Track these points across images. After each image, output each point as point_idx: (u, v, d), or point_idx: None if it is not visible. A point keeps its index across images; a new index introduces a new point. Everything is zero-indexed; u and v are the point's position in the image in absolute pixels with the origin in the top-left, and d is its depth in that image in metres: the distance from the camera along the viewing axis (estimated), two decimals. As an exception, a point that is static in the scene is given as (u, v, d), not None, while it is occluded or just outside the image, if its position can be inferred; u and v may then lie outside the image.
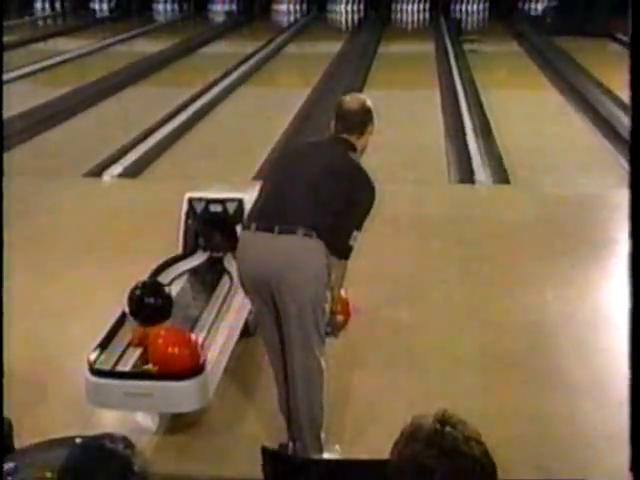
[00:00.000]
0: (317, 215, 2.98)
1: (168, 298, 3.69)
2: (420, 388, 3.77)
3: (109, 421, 3.46)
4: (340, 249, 3.01)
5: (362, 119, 3.14)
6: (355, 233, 3.01)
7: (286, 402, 3.20)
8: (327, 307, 3.10)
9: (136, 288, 3.65)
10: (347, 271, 3.12)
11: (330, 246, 2.99)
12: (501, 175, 7.18)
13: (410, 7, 20.07)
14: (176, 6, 21.19)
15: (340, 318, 3.26)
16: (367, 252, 4.63)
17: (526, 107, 9.90)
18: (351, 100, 3.22)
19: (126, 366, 3.32)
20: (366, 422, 3.52)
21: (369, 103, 3.21)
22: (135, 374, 3.28)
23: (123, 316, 3.64)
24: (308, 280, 2.97)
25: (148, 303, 3.63)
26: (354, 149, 3.13)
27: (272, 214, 3.01)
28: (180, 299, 3.79)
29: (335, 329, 3.25)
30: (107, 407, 3.38)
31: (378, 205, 3.21)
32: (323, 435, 3.20)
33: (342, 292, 3.24)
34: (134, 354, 3.38)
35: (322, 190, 3.00)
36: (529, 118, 9.27)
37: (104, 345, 3.40)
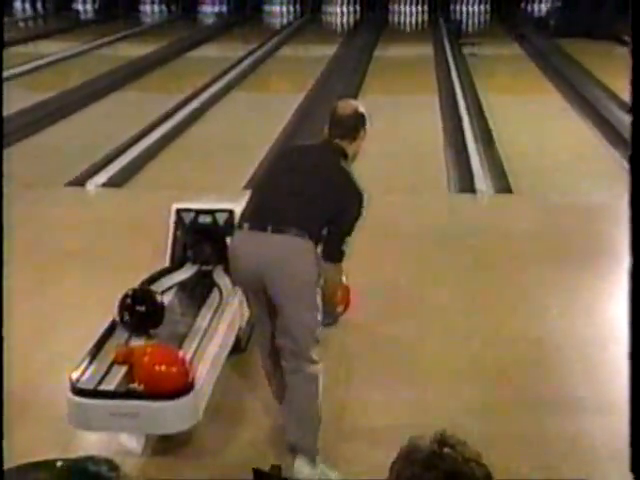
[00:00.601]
0: (308, 219, 3.20)
1: (160, 305, 3.74)
2: (419, 404, 3.78)
3: (92, 443, 3.46)
4: (332, 254, 3.25)
5: (355, 124, 3.36)
6: (347, 238, 3.24)
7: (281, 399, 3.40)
8: (319, 303, 3.26)
9: (127, 296, 3.71)
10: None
11: (322, 251, 3.24)
12: (503, 184, 7.20)
13: (408, 8, 20.16)
14: (164, 7, 21.25)
15: (340, 309, 3.62)
16: (364, 263, 4.66)
17: (529, 112, 9.94)
18: (344, 105, 3.45)
19: (110, 385, 3.31)
20: (364, 439, 3.52)
21: (362, 108, 3.43)
22: (120, 393, 3.27)
23: (108, 331, 3.65)
24: (299, 278, 3.19)
25: (139, 311, 3.67)
26: (345, 156, 3.34)
27: (265, 215, 3.23)
28: (167, 314, 3.80)
29: (335, 320, 3.67)
30: (90, 428, 3.37)
31: (375, 215, 3.24)
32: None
33: (343, 278, 3.49)
34: (119, 372, 3.38)
35: (313, 197, 3.22)
36: (532, 124, 9.31)
37: (87, 363, 3.40)
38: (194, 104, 10.49)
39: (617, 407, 3.63)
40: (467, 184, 7.23)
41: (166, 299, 4.04)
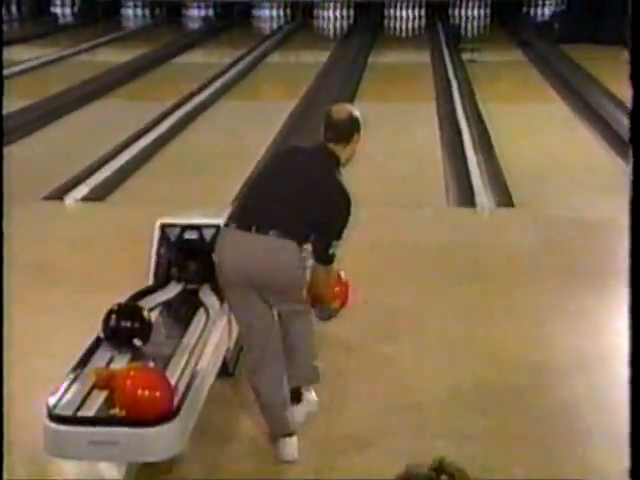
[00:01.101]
0: (292, 222, 3.46)
1: (147, 321, 3.76)
2: (417, 428, 3.79)
3: (70, 472, 3.45)
4: (320, 257, 3.53)
5: (349, 128, 3.60)
6: (335, 242, 3.49)
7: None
8: (304, 295, 3.62)
9: (112, 311, 3.73)
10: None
11: (312, 253, 3.54)
12: (504, 197, 7.24)
13: (405, 13, 20.27)
14: (147, 11, 21.33)
15: (335, 305, 3.87)
16: (359, 280, 4.66)
17: (531, 122, 10.01)
18: (339, 110, 3.69)
19: (90, 411, 3.31)
20: (361, 463, 3.53)
21: (356, 113, 3.66)
22: (100, 420, 3.26)
23: (90, 351, 3.65)
24: (280, 278, 3.48)
25: (125, 327, 3.68)
26: (338, 162, 3.58)
27: (251, 215, 3.51)
28: (151, 335, 3.80)
29: (331, 316, 3.94)
30: (68, 457, 3.36)
31: (370, 231, 3.27)
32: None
33: (342, 274, 3.88)
34: (99, 397, 3.37)
35: (299, 202, 3.49)
36: (535, 134, 9.37)
37: (66, 387, 3.39)
38: (180, 113, 10.53)
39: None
40: (467, 197, 7.26)
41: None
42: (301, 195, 3.48)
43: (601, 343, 4.64)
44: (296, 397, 3.73)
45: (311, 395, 3.85)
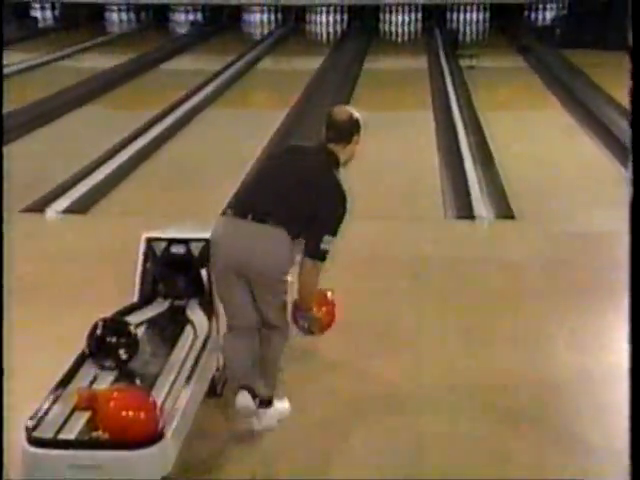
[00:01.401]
0: (288, 216, 3.71)
1: (133, 337, 3.77)
2: (413, 453, 3.79)
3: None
4: (312, 250, 3.70)
5: (349, 129, 3.89)
6: (329, 238, 3.69)
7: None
8: (288, 296, 3.86)
9: (97, 326, 3.74)
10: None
11: (304, 247, 3.72)
12: (504, 209, 7.26)
13: (400, 17, 20.34)
14: (132, 15, 21.36)
15: (317, 315, 3.93)
16: (353, 296, 4.67)
17: (532, 130, 10.04)
18: (340, 111, 4.00)
19: (71, 433, 3.30)
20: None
21: (357, 114, 3.96)
22: (82, 443, 3.26)
23: (73, 369, 3.65)
24: (268, 265, 3.71)
25: (110, 342, 3.68)
26: (337, 162, 3.86)
27: (249, 205, 3.79)
28: (135, 357, 3.79)
29: (312, 326, 3.96)
30: (49, 482, 3.35)
31: (364, 244, 3.28)
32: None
33: (329, 294, 4.04)
34: (80, 419, 3.37)
35: (296, 198, 3.74)
36: (536, 143, 9.40)
37: (46, 408, 3.38)
38: (167, 121, 10.55)
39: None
40: (465, 209, 7.28)
41: (134, 337, 4.04)
42: (298, 189, 3.74)
43: (604, 360, 4.64)
44: (267, 401, 3.94)
45: (283, 403, 4.05)
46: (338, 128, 3.87)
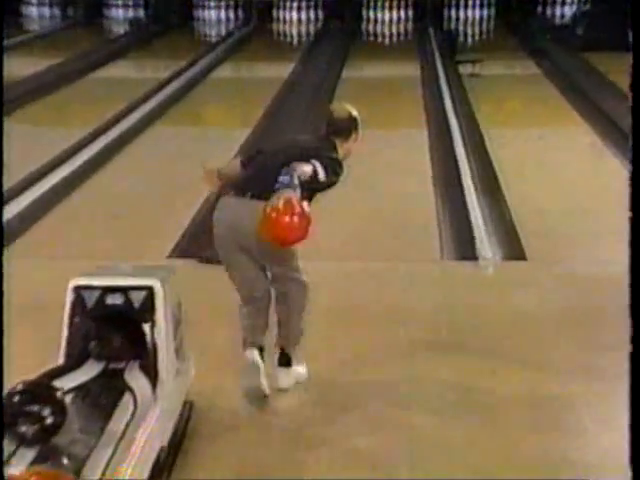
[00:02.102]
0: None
1: (60, 405, 3.70)
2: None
3: None
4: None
5: (348, 126, 4.91)
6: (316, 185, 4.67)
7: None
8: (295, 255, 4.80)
9: (14, 392, 3.66)
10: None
11: None
12: (513, 248, 7.30)
13: (387, 15, 20.48)
14: (57, 11, 21.31)
15: (267, 210, 4.42)
16: (338, 353, 4.72)
17: (548, 152, 10.11)
18: (339, 108, 5.09)
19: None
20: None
21: (355, 113, 4.97)
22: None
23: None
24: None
25: (32, 411, 3.63)
26: (335, 149, 4.83)
27: (248, 185, 4.78)
28: (62, 430, 3.79)
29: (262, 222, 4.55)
30: None
31: (346, 290, 3.32)
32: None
33: (305, 205, 4.54)
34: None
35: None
36: (552, 167, 9.47)
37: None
38: (102, 142, 10.56)
39: None
40: (466, 249, 7.31)
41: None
42: (296, 161, 4.59)
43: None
44: (285, 361, 4.92)
45: (301, 368, 4.97)
46: (338, 124, 4.91)
